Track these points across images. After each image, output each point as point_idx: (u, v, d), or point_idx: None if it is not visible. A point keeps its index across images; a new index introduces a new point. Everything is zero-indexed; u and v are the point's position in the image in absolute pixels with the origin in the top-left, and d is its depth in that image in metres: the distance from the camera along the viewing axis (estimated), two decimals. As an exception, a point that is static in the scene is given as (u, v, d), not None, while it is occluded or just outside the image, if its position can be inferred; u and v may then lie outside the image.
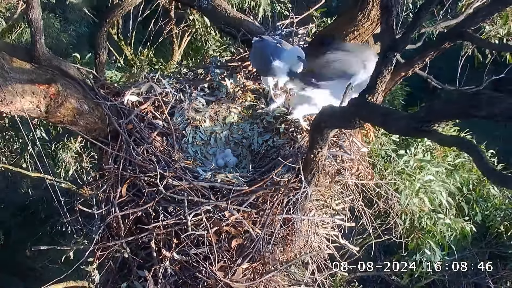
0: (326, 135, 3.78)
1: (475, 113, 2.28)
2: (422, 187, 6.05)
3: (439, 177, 6.12)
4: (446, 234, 6.30)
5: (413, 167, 6.07)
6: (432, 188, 6.00)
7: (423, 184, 6.02)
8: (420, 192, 6.03)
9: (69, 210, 4.62)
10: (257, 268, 4.27)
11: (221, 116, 5.18)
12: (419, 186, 6.03)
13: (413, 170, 6.06)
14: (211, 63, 5.73)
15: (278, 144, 4.87)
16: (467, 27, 3.28)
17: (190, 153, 4.90)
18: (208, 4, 5.76)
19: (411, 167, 6.06)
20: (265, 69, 4.93)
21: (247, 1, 8.32)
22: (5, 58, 3.75)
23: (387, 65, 3.09)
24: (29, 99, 3.86)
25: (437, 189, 6.01)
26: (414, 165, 6.08)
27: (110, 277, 4.50)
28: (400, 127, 2.79)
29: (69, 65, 4.35)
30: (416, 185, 6.00)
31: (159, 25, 10.27)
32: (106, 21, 5.11)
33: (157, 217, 4.22)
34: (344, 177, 4.76)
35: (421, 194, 6.02)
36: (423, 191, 6.05)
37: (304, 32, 5.75)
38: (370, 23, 4.64)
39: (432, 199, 6.10)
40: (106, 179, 4.41)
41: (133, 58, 9.90)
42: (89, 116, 4.36)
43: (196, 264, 4.12)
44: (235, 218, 4.17)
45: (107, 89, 4.85)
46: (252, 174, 4.56)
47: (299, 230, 4.43)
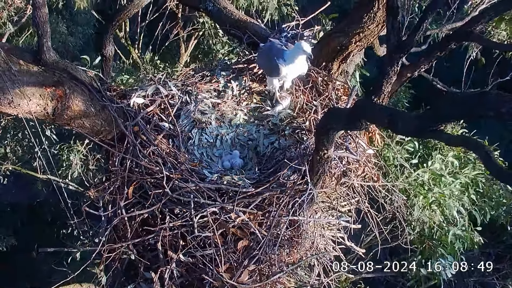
0: (332, 137, 3.78)
1: (483, 113, 2.28)
2: (436, 201, 6.03)
3: (454, 192, 6.07)
4: (456, 245, 6.27)
5: (429, 179, 6.04)
6: (447, 203, 5.96)
7: (437, 198, 5.99)
8: (434, 204, 6.01)
9: (76, 212, 4.64)
10: (263, 270, 4.26)
11: (227, 118, 5.20)
12: (432, 199, 6.00)
13: (427, 182, 6.02)
14: (217, 65, 5.75)
15: (284, 146, 4.88)
16: (473, 28, 3.27)
17: (196, 155, 4.91)
18: (214, 7, 5.79)
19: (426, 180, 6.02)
20: (271, 70, 4.95)
21: (254, 4, 8.34)
22: (12, 61, 3.76)
23: (393, 66, 3.10)
24: (36, 102, 3.87)
25: (451, 205, 5.98)
26: (429, 177, 6.04)
27: (117, 279, 4.51)
28: (407, 128, 2.78)
29: (76, 67, 4.36)
30: (430, 198, 5.97)
31: (167, 28, 10.32)
32: (113, 24, 5.13)
33: (164, 219, 4.22)
34: (350, 179, 4.76)
35: (434, 207, 5.99)
36: (436, 204, 6.03)
37: (310, 34, 5.76)
38: (375, 25, 4.65)
39: (445, 214, 6.08)
40: (113, 181, 4.42)
41: (140, 61, 9.95)
42: (95, 118, 4.38)
43: (203, 265, 4.11)
44: (241, 220, 4.17)
45: (114, 91, 4.87)
46: (258, 176, 4.56)
47: (305, 232, 4.42)
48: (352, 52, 5.12)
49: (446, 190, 5.97)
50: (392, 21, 3.05)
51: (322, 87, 5.23)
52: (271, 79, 5.09)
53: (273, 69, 4.90)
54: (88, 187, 4.73)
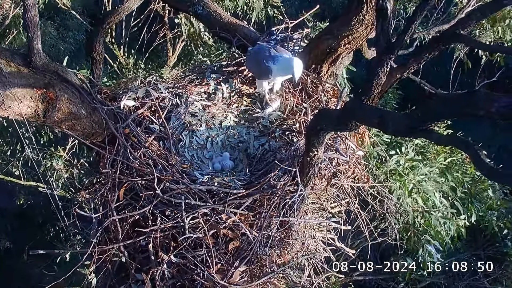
0: (322, 138, 3.81)
1: (472, 112, 2.30)
2: (414, 187, 6.10)
3: (431, 177, 6.16)
4: (441, 230, 6.33)
5: (405, 167, 6.12)
6: (425, 187, 6.04)
7: (416, 184, 6.07)
8: (413, 192, 6.08)
9: (67, 215, 4.63)
10: (254, 270, 4.29)
11: (218, 121, 5.21)
12: (411, 186, 6.08)
13: (404, 170, 6.10)
14: (207, 68, 5.76)
15: (274, 148, 4.91)
16: (461, 29, 3.32)
17: (187, 157, 4.92)
18: (203, 10, 5.80)
19: (402, 167, 6.09)
20: (260, 73, 4.97)
21: (240, 5, 8.36)
22: (3, 63, 3.76)
23: (383, 68, 3.13)
24: (27, 104, 3.87)
25: (430, 189, 6.06)
26: (405, 165, 6.12)
27: (108, 281, 4.49)
28: (397, 127, 2.82)
29: (67, 70, 4.35)
30: (408, 185, 6.04)
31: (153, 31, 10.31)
32: (103, 27, 5.14)
33: (155, 220, 4.23)
34: (340, 180, 4.80)
35: (414, 194, 6.06)
36: (415, 191, 6.10)
37: (299, 37, 5.79)
38: (364, 27, 4.69)
39: (425, 199, 6.15)
40: (104, 183, 4.42)
41: (127, 64, 9.93)
42: (86, 120, 4.38)
43: (194, 266, 4.13)
44: (232, 221, 4.19)
45: (104, 94, 4.87)
46: (249, 178, 4.58)
47: (295, 232, 4.45)
48: (341, 55, 5.16)
49: (422, 176, 6.04)
50: (381, 23, 3.09)
51: (311, 89, 5.26)
52: (260, 81, 5.11)
53: (262, 72, 4.92)
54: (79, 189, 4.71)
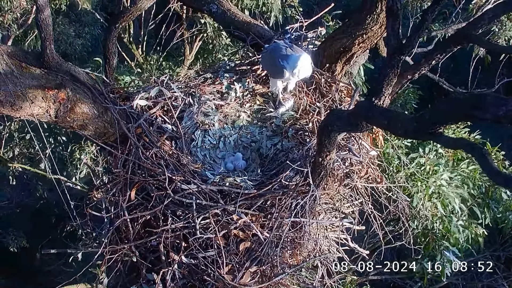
0: (334, 139, 3.77)
1: (480, 116, 2.25)
2: (435, 192, 6.00)
3: (451, 182, 6.06)
4: (459, 237, 6.24)
5: (426, 170, 6.02)
6: (446, 192, 5.94)
7: (436, 188, 5.97)
8: (433, 197, 5.98)
9: (80, 214, 4.66)
10: (265, 271, 4.26)
11: (230, 120, 5.21)
12: (432, 190, 5.98)
13: (426, 174, 6.00)
14: (220, 67, 5.75)
15: (286, 148, 4.88)
16: (475, 29, 3.25)
17: (199, 156, 4.92)
18: (218, 9, 5.80)
19: (424, 170, 6.00)
20: (275, 72, 4.94)
21: (259, 5, 8.35)
22: (15, 64, 3.79)
23: (393, 68, 3.08)
24: (39, 104, 3.89)
25: (451, 195, 5.95)
26: (428, 168, 6.02)
27: (119, 280, 4.51)
28: (405, 129, 2.77)
29: (79, 70, 4.37)
30: (429, 189, 5.95)
31: (171, 30, 10.35)
32: (116, 26, 5.15)
33: (166, 220, 4.23)
34: (353, 181, 4.75)
35: (434, 199, 5.96)
36: (436, 196, 6.00)
37: (313, 36, 5.75)
38: (378, 26, 4.63)
39: (445, 204, 6.05)
40: (115, 183, 4.43)
41: (144, 62, 9.98)
42: (98, 120, 4.39)
43: (205, 267, 4.12)
44: (243, 222, 4.18)
45: (117, 93, 4.88)
46: (261, 178, 4.56)
47: (307, 233, 4.42)
48: (356, 54, 5.10)
49: (443, 181, 5.94)
50: (392, 23, 3.03)
51: (325, 89, 5.22)
52: (274, 80, 5.08)
53: (277, 71, 4.89)
54: (92, 188, 4.74)
